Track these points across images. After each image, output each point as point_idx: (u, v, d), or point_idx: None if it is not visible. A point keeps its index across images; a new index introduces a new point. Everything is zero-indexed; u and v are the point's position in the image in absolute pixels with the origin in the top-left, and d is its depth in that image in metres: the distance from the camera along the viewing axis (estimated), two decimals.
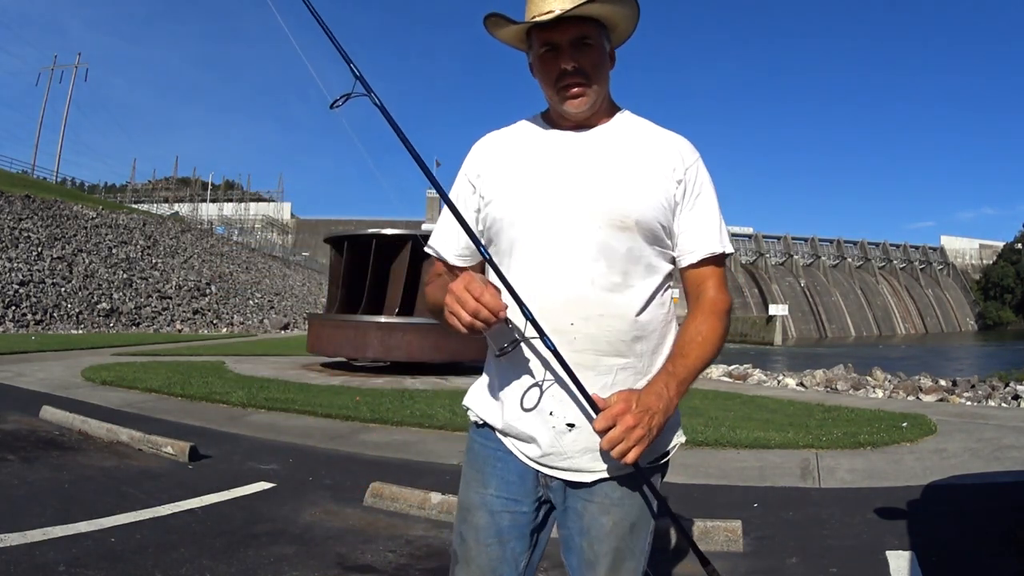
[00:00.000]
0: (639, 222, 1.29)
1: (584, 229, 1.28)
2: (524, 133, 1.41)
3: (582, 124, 1.37)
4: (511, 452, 1.37)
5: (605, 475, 1.32)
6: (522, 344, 1.27)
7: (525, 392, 1.30)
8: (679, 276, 1.41)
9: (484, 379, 1.44)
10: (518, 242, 1.31)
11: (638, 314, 1.30)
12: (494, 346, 1.31)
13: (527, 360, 1.30)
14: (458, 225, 1.31)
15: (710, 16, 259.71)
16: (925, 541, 3.33)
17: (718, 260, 1.37)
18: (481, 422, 1.41)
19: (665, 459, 1.40)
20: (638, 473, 1.27)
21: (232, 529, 3.43)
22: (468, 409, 1.45)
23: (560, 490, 1.36)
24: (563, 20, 1.26)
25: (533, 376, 1.30)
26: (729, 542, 3.30)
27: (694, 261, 1.35)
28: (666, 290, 1.38)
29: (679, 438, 1.41)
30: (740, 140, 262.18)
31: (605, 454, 1.25)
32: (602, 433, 1.17)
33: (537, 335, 1.21)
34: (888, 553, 3.18)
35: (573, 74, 1.29)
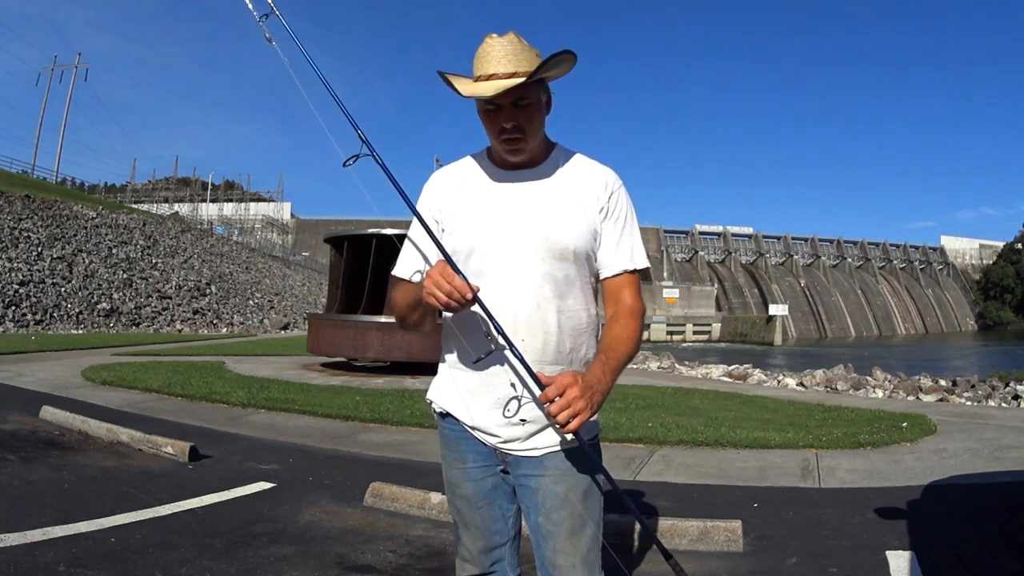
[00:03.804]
0: (576, 251, 1.55)
1: (531, 260, 1.52)
2: (474, 172, 1.63)
3: (523, 164, 1.59)
4: (475, 436, 1.61)
5: (551, 449, 1.54)
6: (490, 355, 1.49)
7: (507, 403, 1.52)
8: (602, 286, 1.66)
9: (443, 377, 1.66)
10: (474, 270, 1.52)
11: (572, 329, 1.56)
12: (472, 353, 1.53)
13: (490, 367, 1.53)
14: (423, 254, 1.61)
15: (709, 12, 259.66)
16: (925, 541, 3.33)
17: (632, 272, 1.62)
18: (444, 412, 1.64)
19: (594, 442, 1.60)
20: (580, 444, 1.47)
21: (232, 529, 3.43)
22: (431, 402, 1.69)
23: (515, 464, 1.58)
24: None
25: (502, 386, 1.52)
26: (729, 542, 3.30)
27: (610, 274, 1.61)
28: (594, 302, 1.63)
29: (598, 428, 1.65)
30: (740, 139, 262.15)
31: (551, 434, 1.53)
32: (550, 401, 1.37)
33: (507, 346, 1.45)
34: (888, 553, 3.18)
35: (512, 131, 1.51)
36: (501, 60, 1.48)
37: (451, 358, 1.63)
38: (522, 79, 1.45)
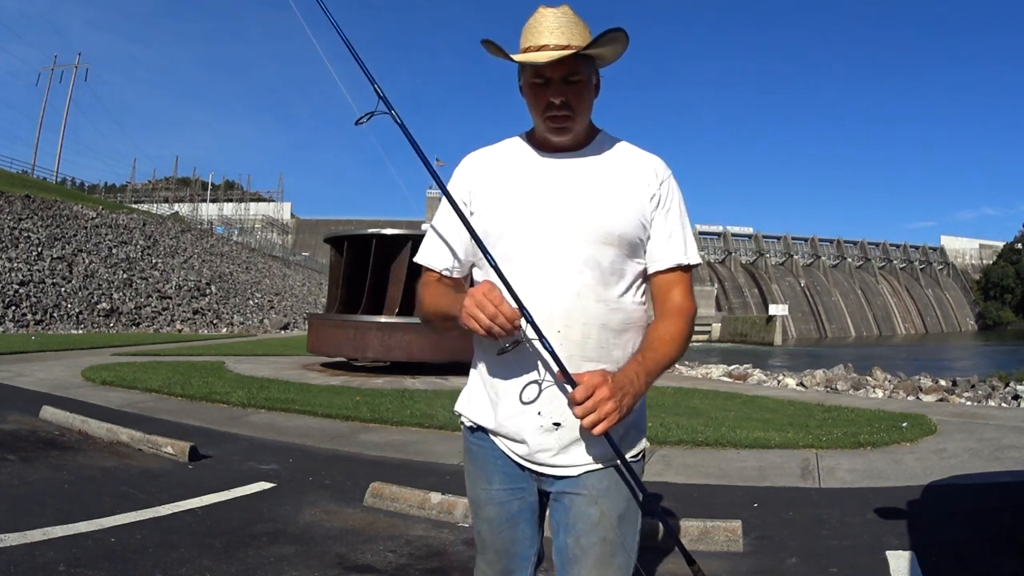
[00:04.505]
0: (621, 236, 1.40)
1: (572, 245, 1.38)
2: (511, 154, 1.50)
3: (565, 147, 1.46)
4: (504, 454, 1.47)
5: (590, 468, 1.41)
6: (517, 347, 1.34)
7: (524, 388, 1.38)
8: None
9: (473, 384, 1.53)
10: (506, 256, 1.39)
11: (617, 322, 1.41)
12: (497, 344, 1.36)
13: (522, 362, 1.39)
14: (449, 238, 1.48)
15: (708, 11, 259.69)
16: (925, 541, 3.33)
17: (684, 268, 1.48)
18: (475, 426, 1.51)
19: (638, 458, 1.48)
20: (619, 458, 1.35)
21: (232, 529, 3.43)
22: (460, 415, 1.55)
23: (550, 483, 1.45)
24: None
25: (529, 374, 1.39)
26: (729, 542, 3.30)
27: (661, 269, 1.46)
28: (643, 296, 1.49)
29: (645, 442, 1.51)
30: (740, 139, 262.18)
31: (588, 447, 1.39)
32: (579, 402, 1.25)
33: (536, 336, 1.31)
34: (888, 553, 3.18)
35: (560, 107, 1.39)
36: (554, 31, 1.37)
37: (480, 357, 1.50)
38: (577, 50, 1.35)
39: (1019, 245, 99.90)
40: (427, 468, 4.81)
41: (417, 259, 1.54)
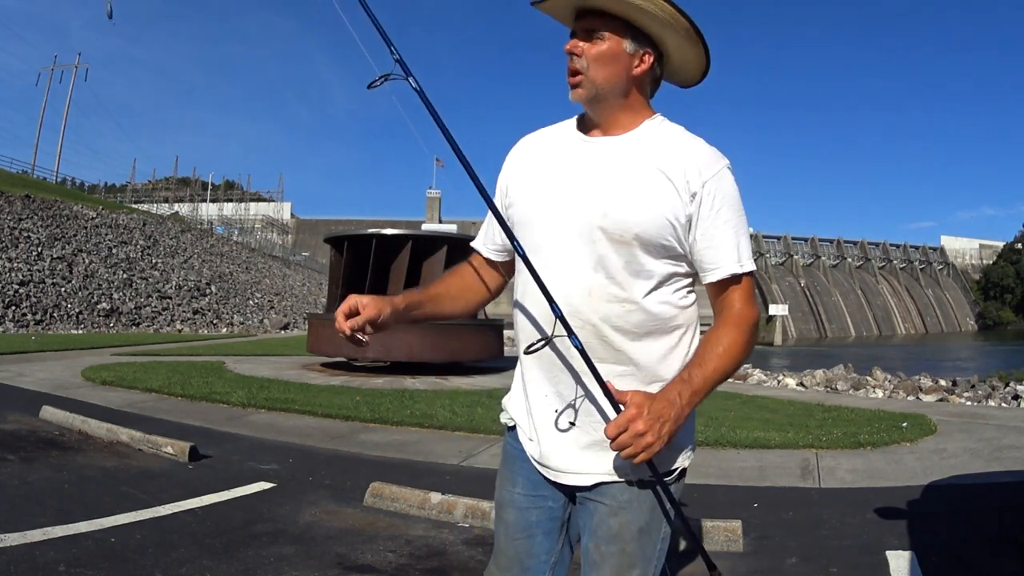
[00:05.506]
0: (639, 236, 1.28)
1: (583, 241, 1.30)
2: (557, 138, 1.43)
3: (607, 131, 1.36)
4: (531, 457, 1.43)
5: (605, 479, 1.34)
6: (545, 345, 1.31)
7: (561, 413, 1.34)
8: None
9: (516, 384, 1.49)
10: (535, 246, 1.34)
11: (636, 324, 1.31)
12: (524, 343, 1.35)
13: (551, 363, 1.34)
14: (494, 222, 1.46)
15: (708, 14, 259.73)
16: (925, 541, 3.33)
17: (740, 276, 1.35)
18: (512, 424, 1.48)
19: (673, 474, 1.39)
20: (655, 478, 1.28)
21: (232, 529, 3.43)
22: (504, 411, 1.51)
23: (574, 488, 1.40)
24: (582, 10, 1.31)
25: (558, 377, 1.35)
26: (729, 542, 3.30)
27: (713, 280, 1.34)
28: (681, 296, 1.37)
29: (688, 459, 1.41)
30: (739, 140, 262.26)
31: (605, 457, 1.32)
32: (612, 439, 1.19)
33: (565, 333, 1.25)
34: (888, 553, 3.18)
35: (569, 58, 1.32)
36: None
37: (519, 352, 1.43)
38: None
39: (1019, 245, 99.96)
40: (427, 468, 4.81)
41: (472, 243, 1.58)
